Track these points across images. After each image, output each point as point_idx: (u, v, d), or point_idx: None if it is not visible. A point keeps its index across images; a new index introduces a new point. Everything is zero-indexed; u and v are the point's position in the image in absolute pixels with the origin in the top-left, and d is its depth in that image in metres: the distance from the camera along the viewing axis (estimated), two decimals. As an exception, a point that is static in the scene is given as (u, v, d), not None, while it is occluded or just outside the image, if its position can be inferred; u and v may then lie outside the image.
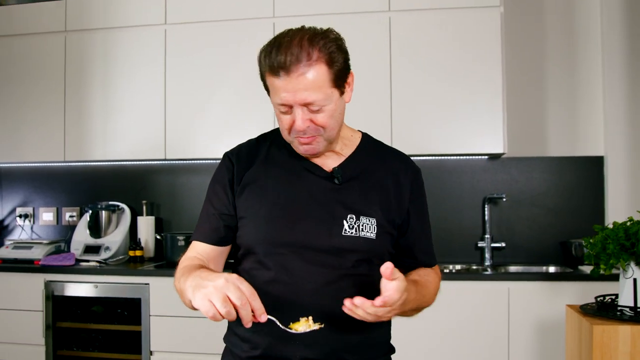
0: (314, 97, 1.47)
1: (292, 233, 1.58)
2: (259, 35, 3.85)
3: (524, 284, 3.33)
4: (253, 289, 1.32)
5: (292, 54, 1.44)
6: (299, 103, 1.48)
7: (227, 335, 1.74)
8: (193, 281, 1.35)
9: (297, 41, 1.46)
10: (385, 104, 3.70)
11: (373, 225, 1.61)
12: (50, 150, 4.12)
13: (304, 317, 1.45)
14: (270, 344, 1.58)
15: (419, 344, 3.33)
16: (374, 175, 1.68)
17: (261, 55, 1.51)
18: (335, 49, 1.49)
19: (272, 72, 1.47)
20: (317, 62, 1.46)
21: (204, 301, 1.27)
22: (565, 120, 3.99)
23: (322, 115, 1.51)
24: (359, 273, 1.60)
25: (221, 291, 1.27)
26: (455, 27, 3.68)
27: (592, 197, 3.94)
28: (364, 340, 1.63)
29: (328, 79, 1.48)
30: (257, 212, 1.61)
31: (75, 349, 3.78)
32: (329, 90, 1.50)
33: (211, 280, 1.30)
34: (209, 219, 1.66)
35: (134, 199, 4.38)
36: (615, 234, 2.28)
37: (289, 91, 1.46)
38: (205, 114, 3.91)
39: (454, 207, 4.03)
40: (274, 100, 1.52)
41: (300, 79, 1.45)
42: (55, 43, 4.11)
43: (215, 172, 1.72)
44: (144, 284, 3.62)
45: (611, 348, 2.18)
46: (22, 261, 3.95)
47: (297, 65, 1.44)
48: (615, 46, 3.87)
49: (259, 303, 1.32)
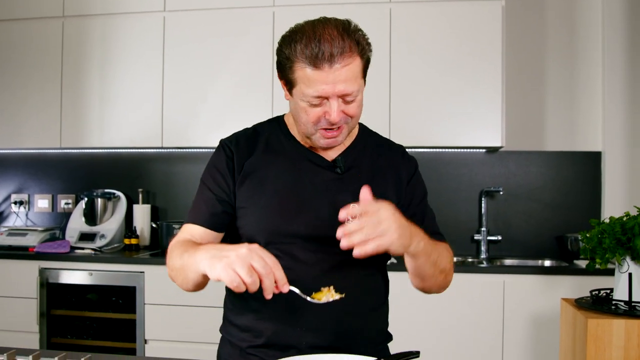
0: (352, 88, 1.48)
1: (294, 223, 1.58)
2: (258, 24, 3.87)
3: (519, 277, 3.34)
4: (275, 259, 1.31)
5: (337, 46, 1.44)
6: (338, 94, 1.48)
7: (224, 326, 1.73)
8: (207, 252, 1.34)
9: (338, 34, 1.45)
10: (384, 95, 3.69)
11: None
12: (46, 137, 4.10)
13: (326, 286, 1.46)
14: (274, 332, 1.58)
15: (415, 335, 3.34)
16: (374, 164, 1.69)
17: (292, 46, 1.48)
18: (364, 40, 1.51)
19: (312, 63, 1.45)
20: (355, 54, 1.47)
21: (227, 270, 1.26)
22: (564, 115, 3.98)
23: (353, 106, 1.52)
24: (361, 262, 1.60)
25: (245, 260, 1.26)
26: (456, 20, 3.67)
27: (589, 192, 3.94)
28: (365, 326, 1.64)
29: (361, 70, 1.51)
30: (259, 202, 1.60)
31: (69, 337, 3.78)
32: (361, 81, 1.52)
33: (233, 250, 1.29)
34: (207, 202, 1.64)
35: (130, 187, 4.37)
36: (612, 229, 2.28)
37: (329, 83, 1.45)
38: (203, 103, 3.90)
39: (451, 199, 4.03)
40: (306, 92, 1.48)
41: (342, 70, 1.45)
42: (53, 28, 4.09)
43: (212, 159, 1.71)
44: (139, 272, 3.62)
45: (605, 342, 2.18)
46: (17, 248, 3.93)
47: (342, 56, 1.44)
48: (616, 42, 3.86)
49: (282, 273, 1.31)
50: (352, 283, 1.60)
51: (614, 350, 2.18)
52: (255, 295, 1.61)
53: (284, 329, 1.57)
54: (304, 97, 1.50)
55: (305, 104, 1.51)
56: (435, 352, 3.35)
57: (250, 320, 1.62)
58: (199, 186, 1.69)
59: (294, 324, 1.56)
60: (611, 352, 2.18)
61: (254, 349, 1.62)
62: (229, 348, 1.69)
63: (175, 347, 3.53)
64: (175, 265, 1.52)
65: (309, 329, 1.57)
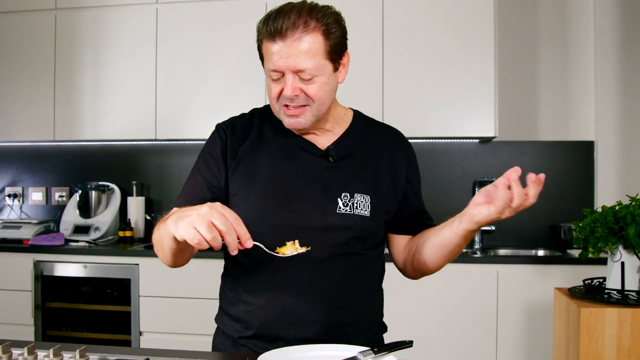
0: (306, 65, 1.48)
1: (286, 212, 1.58)
2: (251, 16, 3.81)
3: (513, 267, 3.35)
4: (237, 215, 1.31)
5: (289, 19, 1.46)
6: (291, 69, 1.49)
7: (218, 316, 1.74)
8: (174, 216, 1.34)
9: (297, 10, 1.49)
10: (377, 87, 3.69)
11: (367, 202, 1.62)
12: (40, 130, 4.09)
13: (290, 241, 1.46)
14: (264, 324, 1.58)
15: (409, 325, 3.35)
16: (368, 152, 1.68)
17: (260, 23, 1.54)
18: (333, 21, 1.52)
19: (268, 37, 1.49)
20: (314, 31, 1.48)
21: (189, 229, 1.26)
22: (557, 105, 3.99)
23: (313, 86, 1.52)
24: (353, 251, 1.62)
25: (205, 217, 1.25)
26: (448, 11, 3.67)
27: (581, 181, 3.96)
28: (358, 319, 1.64)
29: (323, 49, 1.50)
30: (251, 190, 1.60)
31: (64, 329, 3.78)
32: (323, 62, 1.51)
33: (194, 210, 1.28)
34: (197, 188, 1.64)
35: (124, 180, 4.37)
36: (604, 218, 2.30)
37: (282, 56, 1.48)
38: (196, 95, 3.89)
39: (445, 190, 4.04)
40: (267, 67, 1.53)
41: (294, 44, 1.47)
42: (45, 21, 4.07)
43: (206, 144, 1.71)
44: (133, 265, 3.62)
45: (598, 330, 2.20)
46: (11, 241, 3.93)
47: (294, 30, 1.47)
48: (608, 32, 3.87)
49: (244, 229, 1.31)
50: (345, 273, 1.61)
51: (606, 338, 2.19)
52: (248, 287, 1.61)
53: (274, 322, 1.58)
54: (267, 72, 1.54)
55: (269, 80, 1.55)
56: (430, 342, 3.36)
57: (241, 312, 1.62)
58: (191, 170, 1.69)
59: (284, 317, 1.57)
60: (604, 340, 2.19)
61: (245, 339, 1.62)
62: (222, 338, 1.70)
63: (169, 339, 3.54)
64: (155, 238, 1.53)
65: (298, 322, 1.57)
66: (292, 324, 1.57)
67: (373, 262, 1.70)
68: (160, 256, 1.56)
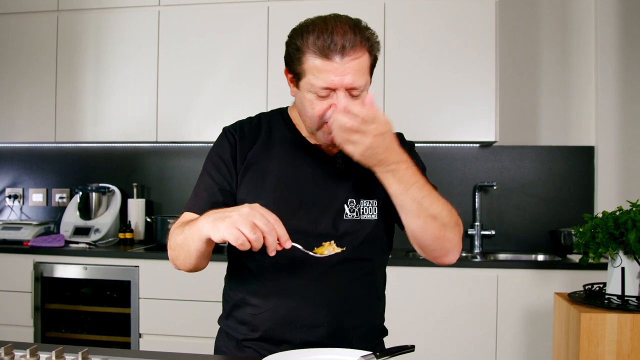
0: (360, 82, 1.50)
1: (294, 218, 1.57)
2: (253, 19, 3.86)
3: (513, 271, 3.35)
4: (277, 217, 1.34)
5: (349, 39, 1.46)
6: (346, 87, 1.49)
7: (222, 318, 1.74)
8: (209, 217, 1.35)
9: (350, 27, 1.49)
10: (378, 90, 3.69)
11: (374, 207, 1.63)
12: (41, 131, 4.09)
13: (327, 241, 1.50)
14: (270, 328, 1.59)
15: (409, 329, 3.35)
16: None
17: (305, 37, 1.50)
18: (374, 38, 1.54)
19: (323, 54, 1.47)
20: (364, 49, 1.50)
21: (231, 229, 1.28)
22: (557, 110, 3.99)
23: (357, 102, 1.51)
24: (360, 257, 1.62)
25: (247, 218, 1.29)
26: (450, 15, 3.68)
27: (582, 186, 3.96)
28: (362, 324, 1.65)
29: (368, 66, 1.53)
30: (259, 196, 1.59)
31: (64, 331, 3.78)
32: (368, 77, 1.54)
33: (235, 210, 1.31)
34: (208, 191, 1.63)
35: (124, 181, 4.37)
36: (605, 223, 2.29)
37: (338, 74, 1.47)
38: (197, 97, 3.89)
39: (445, 194, 3.95)
40: (314, 83, 1.50)
41: (352, 63, 1.47)
42: (47, 23, 4.07)
43: (215, 147, 1.70)
44: (133, 267, 3.62)
45: (598, 335, 2.20)
46: (11, 242, 3.93)
47: (354, 49, 1.47)
48: (609, 37, 3.87)
49: (284, 230, 1.34)
50: (352, 279, 1.62)
51: (607, 344, 2.19)
52: (254, 291, 1.61)
53: (280, 326, 1.58)
54: (312, 88, 1.51)
55: (312, 95, 1.52)
56: (429, 346, 3.36)
57: (247, 315, 1.63)
58: (201, 174, 1.68)
59: (290, 321, 1.58)
60: (604, 346, 2.19)
61: (250, 341, 1.63)
62: (225, 340, 1.70)
63: (169, 341, 3.54)
64: (176, 242, 1.52)
65: (304, 326, 1.58)
66: (299, 327, 1.58)
67: (379, 268, 1.72)
68: (180, 261, 1.54)
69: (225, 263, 1.75)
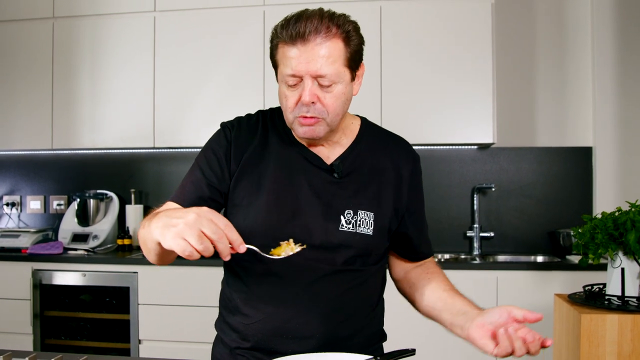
0: (327, 70, 1.45)
1: (288, 227, 1.55)
2: (249, 23, 3.86)
3: (512, 273, 3.35)
4: (227, 220, 1.24)
5: (311, 23, 1.44)
6: (311, 74, 1.45)
7: (218, 322, 1.72)
8: (159, 221, 1.26)
9: (318, 15, 1.46)
10: (376, 93, 3.69)
11: (371, 220, 1.59)
12: (38, 138, 4.09)
13: (284, 240, 1.41)
14: (261, 339, 1.57)
15: (408, 332, 3.34)
16: (374, 166, 1.64)
17: (277, 27, 1.50)
18: (352, 29, 1.49)
19: (288, 40, 1.45)
20: (335, 37, 1.46)
21: (177, 240, 1.19)
22: (555, 111, 4.00)
23: (330, 95, 1.48)
24: (354, 268, 1.59)
25: (194, 227, 1.19)
26: (446, 17, 3.68)
27: (580, 187, 3.96)
28: (357, 333, 1.62)
29: (343, 56, 1.48)
30: (254, 203, 1.57)
31: (63, 338, 3.77)
32: (342, 68, 1.48)
33: (181, 217, 1.21)
34: (195, 184, 1.60)
35: (122, 188, 4.36)
36: (604, 224, 2.29)
37: (302, 61, 1.44)
38: (194, 103, 3.89)
39: (443, 196, 4.04)
40: (283, 72, 1.48)
41: (316, 49, 1.44)
42: (43, 29, 4.07)
43: (211, 141, 1.67)
44: (132, 273, 3.61)
45: (599, 336, 2.20)
46: (9, 250, 3.92)
47: (316, 35, 1.44)
48: (605, 38, 3.88)
49: (236, 234, 1.24)
50: (345, 289, 1.58)
51: (607, 345, 2.19)
52: (246, 301, 1.58)
53: (271, 336, 1.56)
54: (283, 78, 1.49)
55: (284, 86, 1.50)
56: (428, 349, 3.35)
57: (239, 323, 1.60)
58: (192, 165, 1.65)
59: (282, 332, 1.55)
60: (605, 347, 2.19)
61: (242, 350, 1.61)
62: (221, 346, 1.68)
63: (169, 347, 3.53)
64: (140, 236, 1.46)
65: (296, 337, 1.55)
66: (290, 338, 1.55)
67: (374, 277, 1.67)
68: (144, 253, 1.49)
69: (222, 268, 1.74)
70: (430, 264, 1.80)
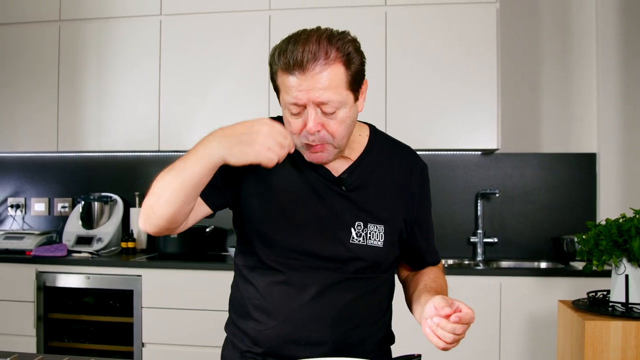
0: (329, 97, 1.41)
1: (298, 238, 1.55)
2: (254, 28, 3.87)
3: (516, 279, 3.35)
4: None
5: (309, 51, 1.38)
6: (313, 102, 1.41)
7: (228, 325, 1.72)
8: (216, 140, 1.40)
9: (315, 39, 1.40)
10: (380, 98, 3.69)
11: (381, 232, 1.59)
12: (43, 140, 4.09)
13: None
14: (274, 345, 1.57)
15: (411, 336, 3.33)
16: (383, 178, 1.63)
17: (274, 53, 1.44)
18: (353, 49, 1.44)
19: (286, 69, 1.41)
20: (335, 62, 1.41)
21: (264, 153, 1.30)
22: (559, 117, 4.00)
23: (334, 122, 1.45)
24: (364, 277, 1.60)
25: (274, 137, 1.30)
26: (451, 23, 3.68)
27: (584, 193, 3.96)
28: (366, 339, 1.63)
29: (345, 80, 1.43)
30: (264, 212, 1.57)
31: (66, 340, 3.77)
32: (345, 93, 1.44)
33: (254, 132, 1.31)
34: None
35: (126, 191, 4.37)
36: (608, 231, 2.29)
37: (303, 90, 1.40)
38: (199, 106, 3.90)
39: (447, 202, 4.04)
40: (285, 100, 1.45)
41: (316, 77, 1.39)
42: (49, 32, 4.08)
43: None
44: (136, 276, 3.62)
45: (602, 343, 2.19)
46: (14, 252, 3.93)
47: (315, 62, 1.39)
48: (610, 44, 3.88)
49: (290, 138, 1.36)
50: (356, 297, 1.59)
51: (611, 352, 2.19)
52: (258, 307, 1.59)
53: (283, 343, 1.56)
54: (285, 106, 1.47)
55: (287, 113, 1.47)
56: (431, 354, 3.34)
57: (251, 329, 1.61)
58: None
59: (294, 339, 1.55)
60: (609, 353, 2.19)
61: (253, 354, 1.61)
62: (231, 349, 1.68)
63: (172, 350, 3.53)
64: (163, 182, 1.48)
65: (308, 344, 1.56)
66: (302, 345, 1.56)
67: (384, 284, 1.68)
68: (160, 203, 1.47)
69: (227, 272, 1.75)
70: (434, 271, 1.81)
